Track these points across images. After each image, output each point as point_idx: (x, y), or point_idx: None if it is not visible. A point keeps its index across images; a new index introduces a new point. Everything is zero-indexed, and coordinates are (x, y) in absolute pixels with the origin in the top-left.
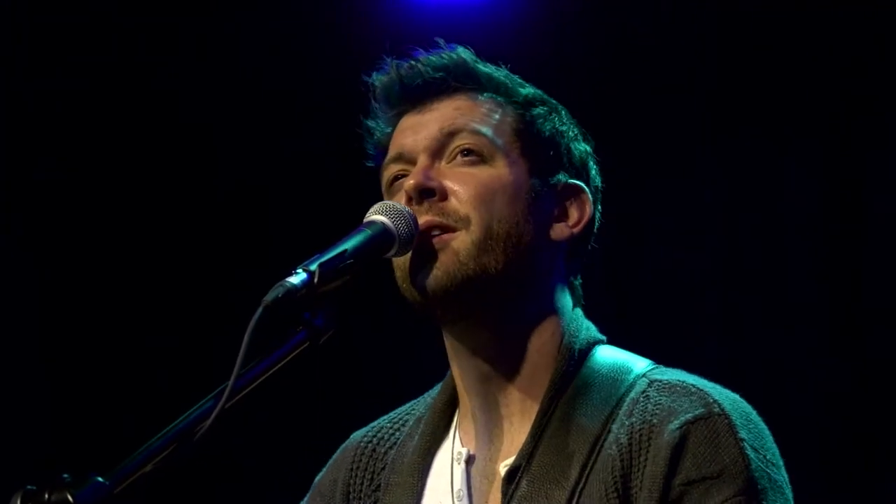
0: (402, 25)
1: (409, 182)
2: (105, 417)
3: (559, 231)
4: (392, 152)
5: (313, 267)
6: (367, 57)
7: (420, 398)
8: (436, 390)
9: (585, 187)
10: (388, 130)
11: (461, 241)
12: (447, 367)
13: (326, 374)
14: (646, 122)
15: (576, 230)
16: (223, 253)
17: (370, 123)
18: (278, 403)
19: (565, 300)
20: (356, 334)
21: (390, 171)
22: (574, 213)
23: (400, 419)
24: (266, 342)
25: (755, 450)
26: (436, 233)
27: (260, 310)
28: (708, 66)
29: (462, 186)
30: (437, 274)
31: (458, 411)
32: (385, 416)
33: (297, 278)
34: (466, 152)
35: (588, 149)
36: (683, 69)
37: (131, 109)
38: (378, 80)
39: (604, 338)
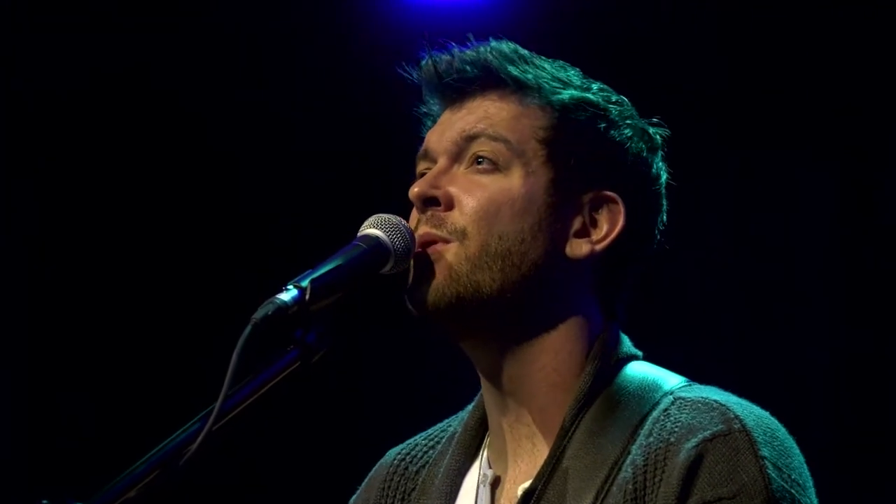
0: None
1: (414, 189)
2: (86, 438)
3: (577, 247)
4: (422, 148)
5: (305, 283)
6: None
7: (456, 415)
8: (470, 407)
9: (619, 197)
10: (438, 115)
11: (454, 255)
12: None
13: (355, 389)
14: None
15: (599, 246)
16: (214, 265)
17: (425, 109)
18: (316, 420)
19: (592, 318)
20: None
21: (419, 167)
22: (603, 226)
23: (435, 436)
24: (256, 362)
25: (778, 469)
26: (431, 247)
27: (249, 328)
28: (718, 71)
29: (467, 196)
30: (429, 290)
31: (489, 430)
32: (421, 434)
33: (288, 295)
34: (481, 159)
35: (645, 149)
36: (691, 74)
37: (129, 111)
38: (420, 72)
39: (639, 353)
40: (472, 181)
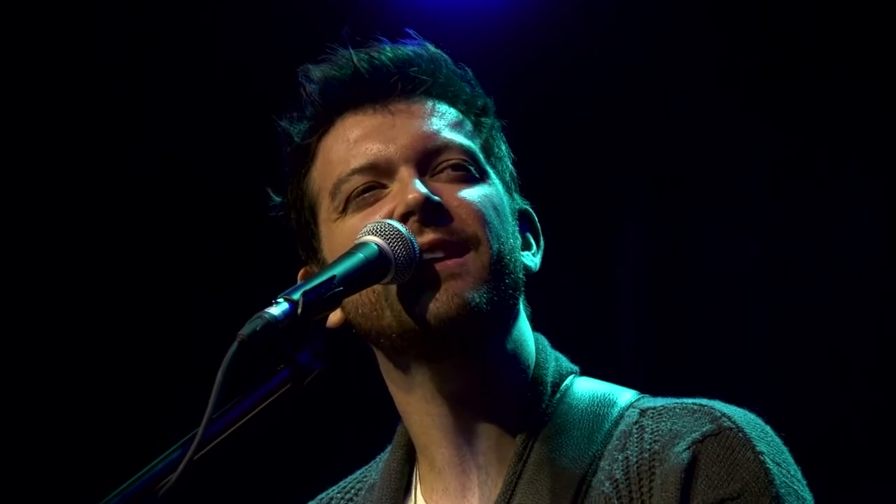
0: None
1: (414, 195)
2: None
3: (530, 259)
4: (356, 161)
5: (296, 296)
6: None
7: (371, 463)
8: (387, 453)
9: (530, 211)
10: (316, 134)
11: (474, 265)
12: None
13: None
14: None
15: (536, 259)
16: (199, 275)
17: (287, 125)
18: None
19: (528, 330)
20: None
21: (353, 182)
22: (537, 239)
23: (351, 488)
24: (243, 382)
25: (777, 464)
26: (439, 255)
27: (235, 345)
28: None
29: (464, 204)
30: (448, 301)
31: (416, 469)
32: (334, 487)
33: (278, 309)
34: (457, 167)
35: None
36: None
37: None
38: (321, 70)
39: (576, 368)
40: (458, 189)
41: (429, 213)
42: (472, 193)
